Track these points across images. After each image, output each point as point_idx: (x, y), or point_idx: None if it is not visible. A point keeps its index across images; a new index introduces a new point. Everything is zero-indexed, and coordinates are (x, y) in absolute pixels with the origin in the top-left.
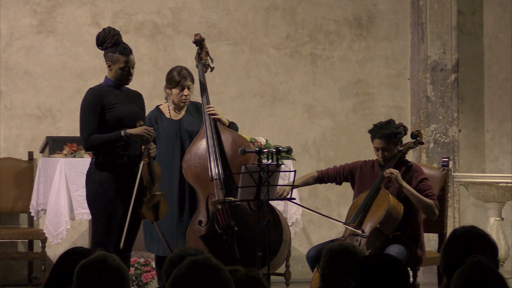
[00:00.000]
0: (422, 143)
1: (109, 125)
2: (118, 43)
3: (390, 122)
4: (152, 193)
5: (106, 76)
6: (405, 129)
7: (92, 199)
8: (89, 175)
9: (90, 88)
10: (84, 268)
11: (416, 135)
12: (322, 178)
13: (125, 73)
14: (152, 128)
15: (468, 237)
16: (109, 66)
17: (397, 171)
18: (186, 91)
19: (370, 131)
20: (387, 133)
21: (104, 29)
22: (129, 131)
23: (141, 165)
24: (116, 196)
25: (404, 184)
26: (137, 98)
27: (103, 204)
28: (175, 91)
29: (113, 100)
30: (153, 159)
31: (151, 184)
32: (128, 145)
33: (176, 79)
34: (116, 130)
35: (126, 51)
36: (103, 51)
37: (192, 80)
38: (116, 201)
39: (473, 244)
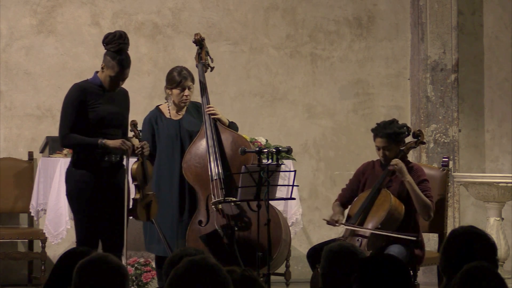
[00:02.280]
0: (423, 143)
1: (92, 123)
2: (121, 51)
3: (393, 121)
4: (144, 193)
5: (96, 73)
6: (409, 129)
7: (73, 197)
8: (69, 173)
9: (76, 84)
10: (83, 267)
11: (417, 135)
12: (344, 203)
13: (112, 82)
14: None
15: (467, 237)
16: (102, 67)
17: (403, 163)
18: (186, 92)
19: (372, 130)
20: (389, 133)
21: (116, 33)
22: (106, 142)
23: (134, 165)
24: (96, 194)
25: (408, 177)
26: (122, 96)
27: (83, 202)
28: (175, 91)
29: (96, 99)
30: (146, 158)
31: (143, 184)
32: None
33: (177, 79)
34: (98, 129)
35: (125, 63)
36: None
37: (193, 80)
38: (96, 198)
39: (472, 244)
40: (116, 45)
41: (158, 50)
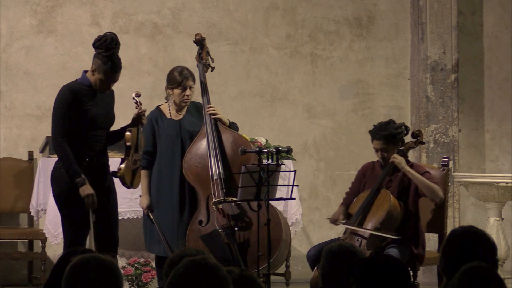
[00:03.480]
0: (423, 143)
1: (83, 126)
2: (112, 56)
3: (389, 123)
4: (134, 158)
5: (85, 72)
6: (407, 129)
7: (62, 200)
8: (57, 174)
9: (66, 86)
10: (76, 267)
11: (417, 135)
12: (349, 205)
13: (103, 85)
14: (93, 196)
15: (466, 237)
16: (92, 70)
17: (401, 157)
18: (188, 91)
19: (370, 132)
20: (385, 134)
21: (106, 36)
22: (82, 185)
23: (131, 131)
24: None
25: (407, 168)
26: (110, 97)
27: (73, 205)
28: (176, 91)
29: (87, 102)
30: (143, 130)
31: (134, 150)
32: (95, 148)
33: (178, 79)
34: (88, 130)
35: (116, 68)
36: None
37: (194, 80)
38: (81, 199)
39: (472, 244)
40: (106, 51)
41: (158, 50)
